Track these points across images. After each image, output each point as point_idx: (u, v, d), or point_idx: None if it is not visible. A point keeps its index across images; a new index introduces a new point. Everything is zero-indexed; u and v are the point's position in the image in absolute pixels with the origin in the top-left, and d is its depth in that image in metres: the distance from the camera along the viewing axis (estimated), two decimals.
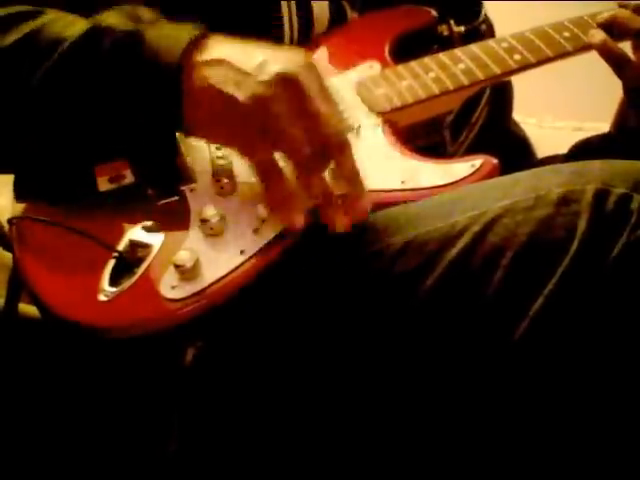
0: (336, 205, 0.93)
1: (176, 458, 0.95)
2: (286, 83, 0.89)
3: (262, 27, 1.14)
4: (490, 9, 1.28)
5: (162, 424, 0.95)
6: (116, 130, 0.96)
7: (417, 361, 0.92)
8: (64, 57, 0.94)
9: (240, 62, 0.91)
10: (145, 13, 0.97)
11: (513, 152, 1.23)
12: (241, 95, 0.90)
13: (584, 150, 1.24)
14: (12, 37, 0.96)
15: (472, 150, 1.23)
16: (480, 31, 1.27)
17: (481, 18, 1.28)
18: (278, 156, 0.92)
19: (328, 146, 0.90)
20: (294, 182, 0.91)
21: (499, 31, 1.19)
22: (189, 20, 0.96)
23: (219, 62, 0.91)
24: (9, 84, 0.96)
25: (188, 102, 0.92)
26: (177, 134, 1.01)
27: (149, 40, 0.93)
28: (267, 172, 0.92)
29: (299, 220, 0.92)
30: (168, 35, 0.94)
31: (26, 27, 0.97)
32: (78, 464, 1.00)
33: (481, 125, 1.27)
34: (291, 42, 1.17)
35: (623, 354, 0.88)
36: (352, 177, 0.92)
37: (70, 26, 0.96)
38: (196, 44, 0.93)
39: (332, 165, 0.91)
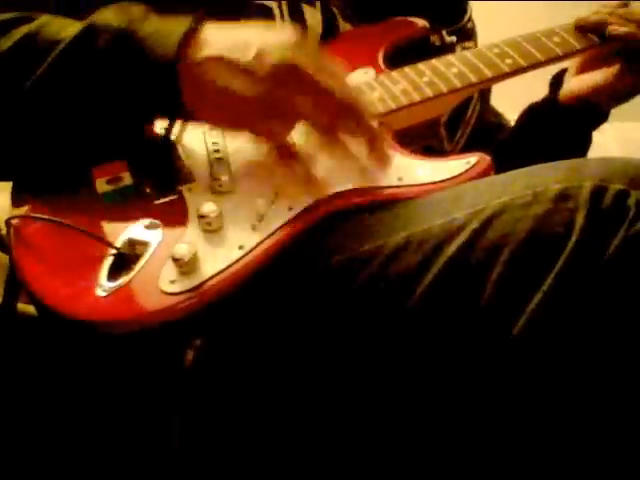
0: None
1: (178, 456, 0.94)
2: (285, 71, 0.91)
3: None
4: (485, 10, 1.30)
5: (163, 422, 0.95)
6: (115, 127, 0.97)
7: (415, 357, 0.92)
8: (60, 58, 0.95)
9: (236, 56, 0.92)
10: (134, 9, 0.98)
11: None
12: (244, 92, 0.91)
13: (530, 116, 1.31)
14: (8, 42, 0.97)
15: (468, 147, 1.24)
16: (466, 31, 1.29)
17: (467, 18, 1.30)
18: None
19: (340, 113, 0.93)
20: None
21: (493, 32, 1.20)
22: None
23: (215, 60, 0.93)
24: (7, 88, 0.97)
25: (190, 99, 0.94)
26: (172, 137, 1.02)
27: (143, 36, 0.94)
28: (285, 153, 0.95)
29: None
30: (161, 30, 0.95)
31: (22, 30, 0.98)
32: (79, 463, 0.99)
33: (474, 122, 1.29)
34: None
35: (621, 349, 0.88)
36: (371, 136, 0.95)
37: (65, 28, 0.97)
38: (190, 38, 0.94)
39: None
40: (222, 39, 0.94)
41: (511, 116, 1.39)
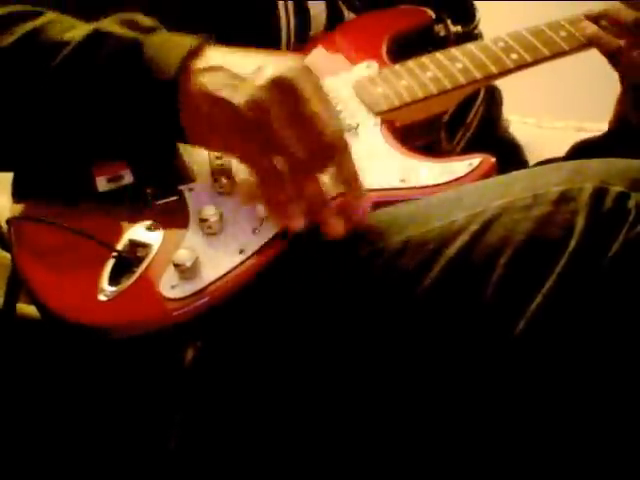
0: (332, 210, 0.92)
1: (176, 456, 0.95)
2: (281, 86, 0.89)
3: (259, 28, 1.15)
4: (487, 9, 1.28)
5: (163, 423, 0.95)
6: (114, 133, 0.97)
7: (416, 359, 0.92)
8: (66, 61, 0.95)
9: (236, 68, 0.91)
10: (144, 20, 0.98)
11: (505, 157, 1.24)
12: (237, 99, 0.90)
13: (583, 150, 1.25)
14: (11, 37, 0.97)
15: (467, 151, 1.24)
16: (474, 36, 1.28)
17: (476, 22, 1.28)
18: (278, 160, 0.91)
19: (326, 148, 0.90)
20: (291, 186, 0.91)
21: (495, 31, 1.19)
22: (185, 24, 0.97)
23: (216, 69, 0.92)
24: (6, 83, 0.97)
25: (186, 109, 0.93)
26: None
27: (149, 48, 0.94)
28: (266, 177, 0.91)
29: (298, 223, 0.92)
30: (168, 43, 0.95)
31: (26, 27, 0.97)
32: (78, 464, 1.00)
33: (476, 126, 1.28)
34: (288, 42, 1.17)
35: (621, 351, 0.88)
36: (350, 178, 0.92)
37: (70, 29, 0.97)
38: (195, 53, 0.93)
39: (331, 168, 0.91)
40: (226, 54, 0.94)
41: (510, 116, 1.38)
